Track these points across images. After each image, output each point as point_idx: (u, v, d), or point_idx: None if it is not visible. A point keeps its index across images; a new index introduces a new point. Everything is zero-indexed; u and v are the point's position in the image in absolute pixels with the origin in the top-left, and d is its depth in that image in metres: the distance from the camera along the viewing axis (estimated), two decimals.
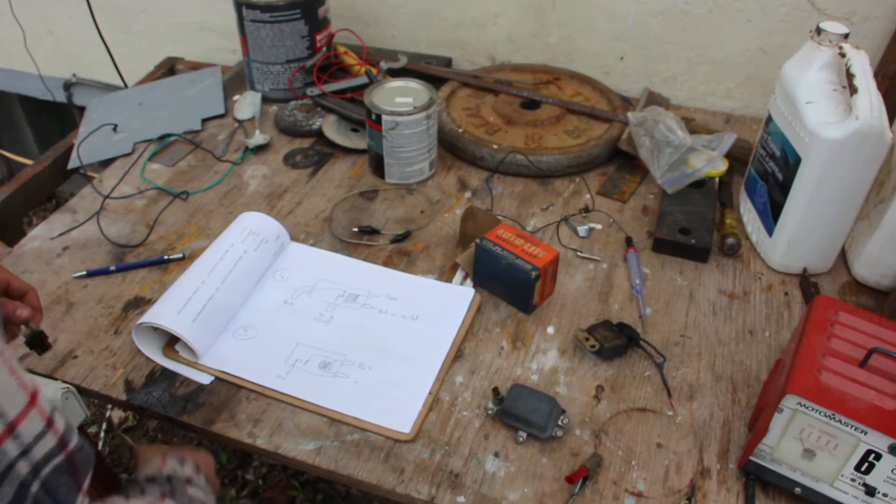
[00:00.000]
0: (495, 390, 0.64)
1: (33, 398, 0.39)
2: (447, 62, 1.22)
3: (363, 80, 1.10)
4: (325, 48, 1.12)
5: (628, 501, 0.59)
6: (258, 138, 1.03)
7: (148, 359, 0.70)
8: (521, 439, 0.63)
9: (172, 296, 0.71)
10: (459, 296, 0.77)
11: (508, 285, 0.75)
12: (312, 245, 0.85)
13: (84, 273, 0.81)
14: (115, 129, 1.08)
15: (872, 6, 0.97)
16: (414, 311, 0.75)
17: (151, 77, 1.25)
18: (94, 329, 0.75)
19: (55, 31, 1.52)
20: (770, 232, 0.81)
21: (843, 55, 0.73)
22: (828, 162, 0.71)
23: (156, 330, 0.71)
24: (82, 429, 0.80)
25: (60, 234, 0.87)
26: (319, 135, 1.05)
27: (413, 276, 0.80)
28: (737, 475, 0.61)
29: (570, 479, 0.58)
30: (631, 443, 0.63)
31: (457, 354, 0.71)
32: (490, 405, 0.65)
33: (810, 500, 0.57)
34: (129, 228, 0.89)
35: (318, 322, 0.74)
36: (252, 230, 0.80)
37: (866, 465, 0.53)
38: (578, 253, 0.84)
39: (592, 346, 0.69)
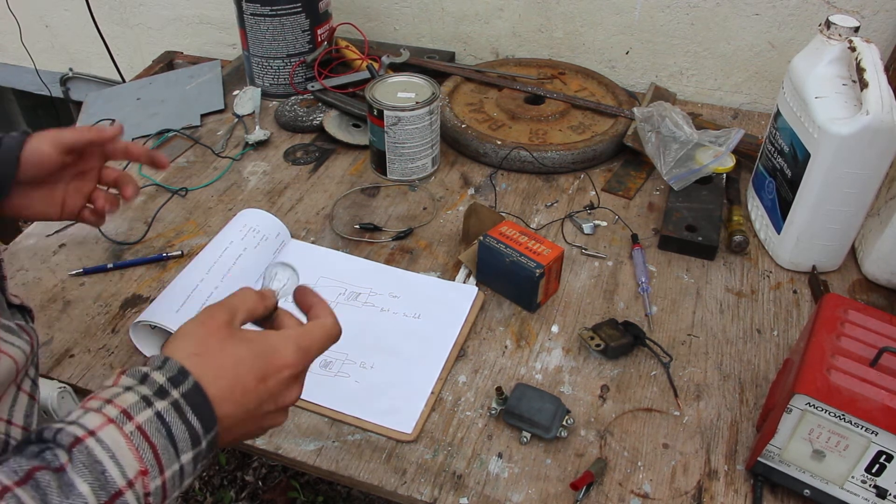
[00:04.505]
0: (499, 390, 0.64)
1: None
2: (450, 57, 1.21)
3: (365, 74, 1.09)
4: (326, 42, 1.11)
5: (634, 503, 0.58)
6: (258, 134, 1.02)
7: (146, 358, 0.69)
8: (524, 440, 0.62)
9: (171, 294, 0.70)
10: (462, 294, 0.76)
11: (512, 283, 0.74)
12: (313, 242, 0.84)
13: (81, 271, 0.80)
14: (112, 124, 1.07)
15: None
16: (416, 309, 0.74)
17: (149, 71, 1.24)
18: (91, 328, 0.74)
19: (51, 24, 1.51)
20: (778, 229, 0.80)
21: (853, 49, 0.72)
22: (837, 158, 0.70)
23: (154, 328, 0.70)
24: None
25: (57, 232, 0.86)
26: (320, 130, 1.04)
27: (415, 274, 0.79)
28: (745, 477, 0.60)
29: (576, 486, 0.58)
30: (637, 443, 0.62)
31: (459, 353, 0.70)
32: (493, 405, 0.64)
33: (820, 502, 0.56)
34: (126, 225, 0.88)
35: None
36: (252, 227, 0.79)
37: (877, 466, 0.52)
38: (583, 250, 0.83)
39: (597, 346, 0.68)
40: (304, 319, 0.48)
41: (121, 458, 0.36)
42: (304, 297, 0.49)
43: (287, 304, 0.49)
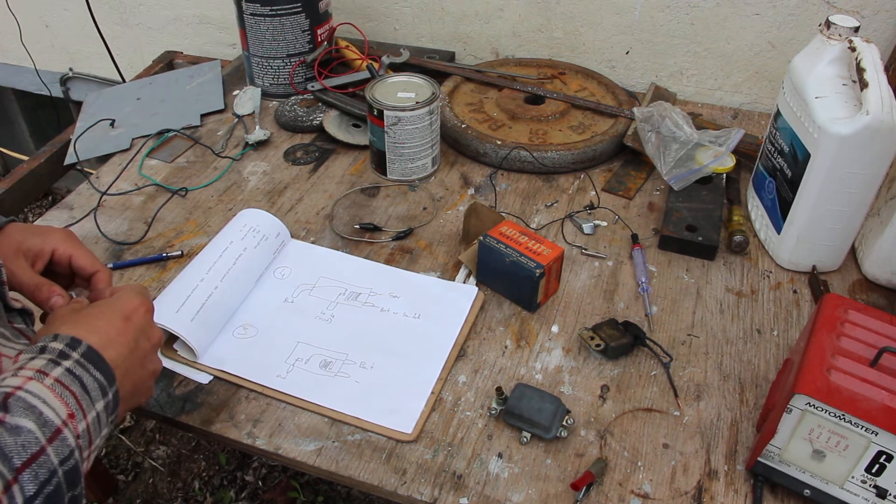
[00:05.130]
0: (499, 390, 0.64)
1: None
2: (450, 57, 1.21)
3: (365, 74, 1.09)
4: (326, 42, 1.11)
5: (634, 503, 0.58)
6: (258, 134, 1.02)
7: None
8: (525, 440, 0.62)
9: (171, 294, 0.70)
10: (462, 294, 0.76)
11: (512, 283, 0.74)
12: (313, 242, 0.84)
13: None
14: (112, 124, 1.07)
15: None
16: (416, 309, 0.74)
17: (149, 71, 1.24)
18: None
19: (51, 24, 1.51)
20: (778, 229, 0.80)
21: (853, 49, 0.72)
22: (837, 158, 0.70)
23: None
24: None
25: None
26: (320, 130, 1.04)
27: (415, 274, 0.79)
28: (745, 477, 0.60)
29: (576, 487, 0.58)
30: (637, 443, 0.62)
31: (459, 353, 0.70)
32: (493, 405, 0.64)
33: (820, 502, 0.56)
34: (126, 225, 0.88)
35: (319, 321, 0.73)
36: (252, 227, 0.79)
37: (877, 466, 0.52)
38: (583, 250, 0.83)
39: (597, 346, 0.68)
40: None
41: (51, 402, 0.40)
42: (99, 295, 0.57)
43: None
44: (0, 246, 0.55)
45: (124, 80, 1.40)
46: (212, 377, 0.68)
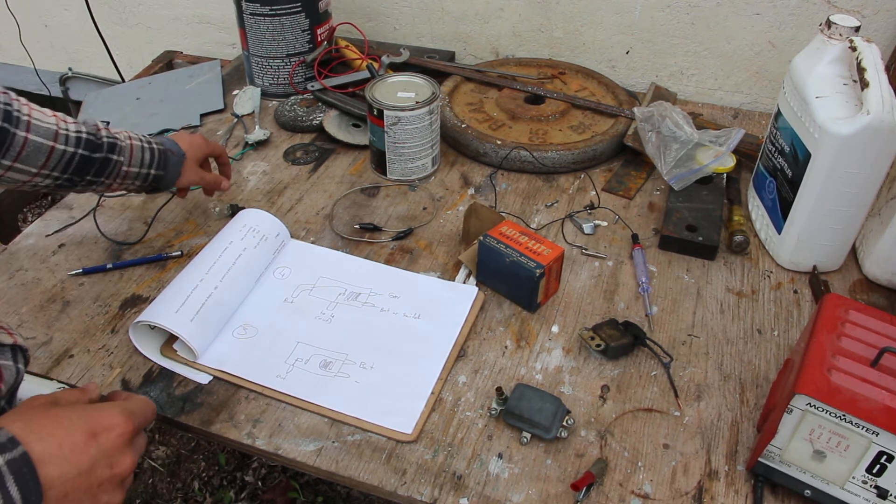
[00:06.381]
0: (499, 390, 0.64)
1: None
2: (450, 56, 1.21)
3: (365, 74, 1.08)
4: (326, 42, 1.11)
5: (634, 503, 0.58)
6: (258, 134, 1.02)
7: (145, 358, 0.69)
8: (525, 440, 0.62)
9: (170, 294, 0.70)
10: (462, 294, 0.76)
11: (512, 283, 0.74)
12: (313, 242, 0.84)
13: (80, 271, 0.80)
14: (110, 124, 1.07)
15: None
16: (416, 309, 0.74)
17: (149, 71, 1.24)
18: (91, 328, 0.74)
19: (51, 24, 1.51)
20: (779, 229, 0.80)
21: (853, 49, 0.72)
22: (838, 158, 0.70)
23: (153, 329, 0.70)
24: None
25: (56, 232, 0.86)
26: (320, 130, 1.04)
27: (415, 274, 0.79)
28: (745, 477, 0.60)
29: (576, 487, 0.57)
30: (637, 444, 0.62)
31: (460, 354, 0.70)
32: (493, 405, 0.64)
33: (820, 502, 0.56)
34: (126, 225, 0.87)
35: (319, 321, 0.73)
36: (252, 227, 0.78)
37: (878, 466, 0.52)
38: (583, 250, 0.83)
39: (598, 346, 0.68)
40: None
41: None
42: (116, 395, 0.52)
43: None
44: (190, 161, 0.80)
45: (124, 80, 1.40)
46: (211, 377, 0.68)
